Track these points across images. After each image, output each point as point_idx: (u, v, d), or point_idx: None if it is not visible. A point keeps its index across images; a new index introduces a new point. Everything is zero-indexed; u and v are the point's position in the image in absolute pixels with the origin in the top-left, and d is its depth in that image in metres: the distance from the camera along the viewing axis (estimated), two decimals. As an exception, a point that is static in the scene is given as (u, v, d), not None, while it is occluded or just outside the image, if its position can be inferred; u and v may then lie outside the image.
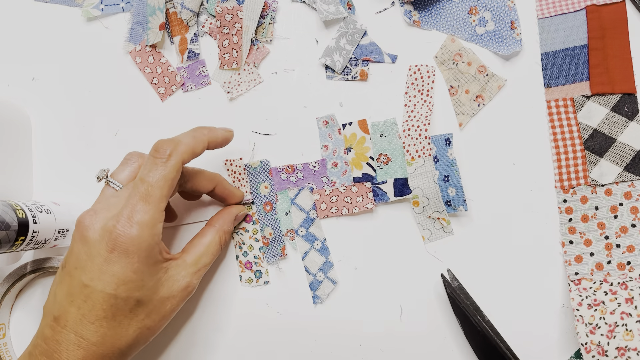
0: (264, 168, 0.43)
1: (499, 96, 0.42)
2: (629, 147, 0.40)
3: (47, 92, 0.46)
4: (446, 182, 0.40)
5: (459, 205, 0.40)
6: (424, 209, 0.41)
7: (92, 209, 0.35)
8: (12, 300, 0.44)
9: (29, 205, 0.37)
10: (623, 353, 0.35)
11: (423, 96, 0.41)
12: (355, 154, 0.42)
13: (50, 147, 0.46)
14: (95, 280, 0.33)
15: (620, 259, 0.39)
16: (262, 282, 0.42)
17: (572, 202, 0.40)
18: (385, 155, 0.42)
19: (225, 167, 0.43)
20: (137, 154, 0.38)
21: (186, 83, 0.45)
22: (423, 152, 0.41)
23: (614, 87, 0.40)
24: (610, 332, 0.36)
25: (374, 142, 0.42)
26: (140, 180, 0.34)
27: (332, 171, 0.42)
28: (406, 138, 0.41)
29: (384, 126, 0.42)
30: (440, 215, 0.40)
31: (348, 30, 0.43)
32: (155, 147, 0.34)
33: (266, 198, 0.42)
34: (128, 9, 0.46)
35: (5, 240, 0.34)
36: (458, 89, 0.42)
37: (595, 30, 0.41)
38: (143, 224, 0.33)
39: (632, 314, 0.36)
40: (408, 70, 0.42)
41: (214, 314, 0.43)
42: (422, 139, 0.41)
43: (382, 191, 0.41)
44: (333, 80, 0.43)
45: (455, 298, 0.39)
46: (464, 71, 0.41)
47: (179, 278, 0.37)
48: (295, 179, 0.43)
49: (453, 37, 0.42)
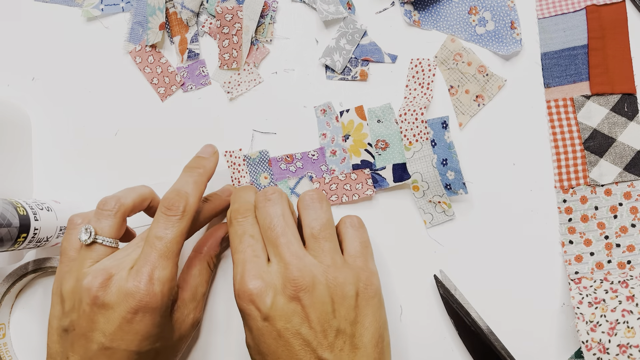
0: (263, 158, 0.43)
1: (499, 96, 0.42)
2: (629, 147, 0.40)
3: (47, 92, 0.46)
4: (444, 165, 0.40)
5: (458, 188, 0.40)
6: (424, 193, 0.41)
7: (100, 270, 0.34)
8: (12, 300, 0.44)
9: (30, 203, 0.37)
10: (625, 350, 0.35)
11: (423, 89, 0.41)
12: (354, 140, 0.42)
13: (50, 147, 0.46)
14: (117, 340, 0.32)
15: (620, 258, 0.39)
16: None
17: (571, 202, 0.40)
18: (383, 140, 0.42)
19: (225, 159, 0.43)
20: (113, 199, 0.36)
21: (186, 83, 0.45)
22: (420, 137, 0.41)
23: (614, 87, 0.40)
24: (611, 330, 0.36)
25: (372, 128, 0.42)
26: (157, 238, 0.33)
27: (331, 159, 0.42)
28: (403, 123, 0.41)
29: (381, 112, 0.42)
30: (440, 199, 0.40)
31: (348, 30, 0.43)
32: (167, 204, 0.34)
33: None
34: (128, 9, 0.46)
35: (7, 237, 0.34)
36: (458, 89, 0.42)
37: (595, 30, 0.41)
38: (165, 281, 0.33)
39: (633, 311, 0.36)
40: (409, 64, 0.42)
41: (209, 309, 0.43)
42: (419, 122, 0.40)
43: (382, 177, 0.41)
44: (333, 80, 0.43)
45: (448, 299, 0.39)
46: (464, 71, 0.42)
47: (184, 318, 0.37)
48: (294, 168, 0.43)
49: (453, 37, 0.42)
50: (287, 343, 0.32)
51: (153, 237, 0.34)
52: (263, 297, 0.32)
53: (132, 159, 0.45)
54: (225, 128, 0.44)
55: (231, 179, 0.43)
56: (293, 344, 0.32)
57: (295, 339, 0.32)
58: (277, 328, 0.32)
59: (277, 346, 0.32)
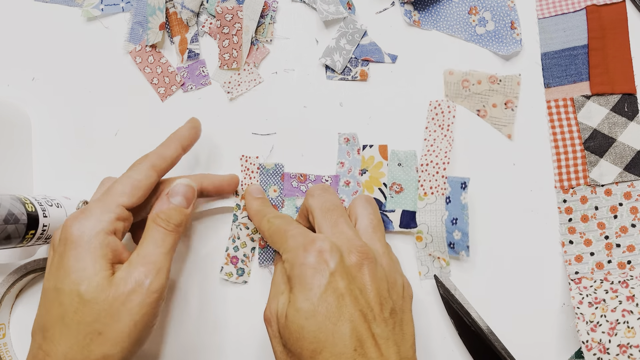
0: (277, 171, 0.43)
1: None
2: (629, 148, 0.40)
3: (47, 92, 0.46)
4: (454, 224, 0.39)
5: (461, 249, 0.39)
6: (426, 245, 0.41)
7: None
8: (12, 300, 0.44)
9: (39, 199, 0.37)
10: (625, 350, 0.35)
11: (443, 131, 0.41)
12: (370, 177, 0.42)
13: (50, 147, 0.45)
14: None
15: (620, 258, 0.39)
16: (241, 280, 0.42)
17: (571, 202, 0.40)
18: (398, 184, 0.41)
19: (240, 162, 0.43)
20: (112, 179, 0.38)
21: (186, 83, 0.45)
22: (437, 190, 0.40)
23: (614, 87, 0.40)
24: (611, 330, 0.36)
25: (391, 170, 0.42)
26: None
27: (343, 189, 0.42)
28: (423, 173, 0.41)
29: (404, 156, 0.42)
30: (441, 255, 0.40)
31: (348, 30, 0.43)
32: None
33: (273, 201, 0.42)
34: (128, 9, 0.46)
35: (15, 234, 0.34)
36: (485, 108, 0.41)
37: (595, 30, 0.41)
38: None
39: (633, 311, 0.36)
40: (429, 106, 0.42)
41: (194, 308, 0.43)
42: (439, 177, 0.40)
43: (389, 219, 0.41)
44: (333, 80, 0.43)
45: (448, 299, 0.39)
46: (479, 92, 0.41)
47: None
48: (305, 188, 0.42)
49: (450, 70, 0.42)
50: (346, 305, 0.31)
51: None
52: (333, 253, 0.33)
53: (132, 159, 0.44)
54: (225, 128, 0.44)
55: (241, 185, 0.43)
56: (352, 306, 0.31)
57: (355, 303, 0.32)
58: (342, 286, 0.32)
59: (338, 306, 0.31)
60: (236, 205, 0.42)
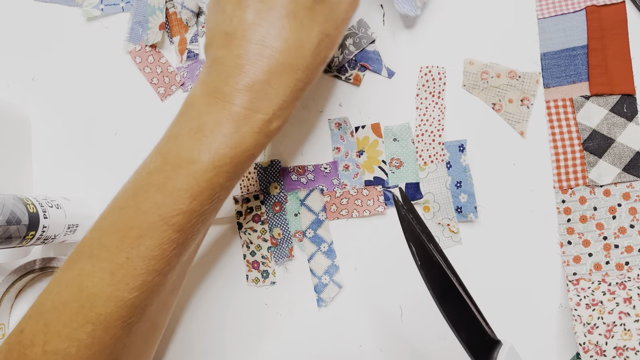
0: (274, 168, 0.43)
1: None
2: (628, 148, 0.40)
3: (47, 92, 0.46)
4: (458, 188, 0.40)
5: (469, 212, 0.40)
6: (434, 214, 0.41)
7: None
8: (12, 300, 0.44)
9: (40, 200, 0.37)
10: (621, 353, 0.35)
11: (435, 98, 0.41)
12: (368, 157, 0.42)
13: (50, 147, 0.46)
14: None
15: (618, 259, 0.39)
16: (268, 282, 0.42)
17: (570, 203, 0.40)
18: (397, 159, 0.42)
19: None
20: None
21: (186, 83, 0.45)
22: (436, 158, 0.41)
23: (613, 88, 0.40)
24: (608, 332, 0.36)
25: (387, 146, 0.42)
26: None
27: (344, 174, 0.42)
28: (419, 143, 0.41)
29: (398, 130, 0.42)
30: (450, 222, 0.40)
31: (358, 32, 0.43)
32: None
33: (276, 198, 0.42)
34: (128, 9, 0.46)
35: (16, 235, 0.34)
36: (501, 103, 0.41)
37: (595, 30, 0.41)
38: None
39: (630, 313, 0.36)
40: (419, 72, 0.42)
41: (216, 313, 0.43)
42: (436, 144, 0.41)
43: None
44: (327, 75, 0.43)
45: (409, 222, 0.32)
46: (497, 85, 0.41)
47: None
48: (305, 180, 0.43)
49: (471, 60, 0.42)
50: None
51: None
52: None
53: (132, 159, 0.45)
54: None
55: (240, 187, 0.43)
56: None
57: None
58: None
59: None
60: (237, 214, 0.43)
